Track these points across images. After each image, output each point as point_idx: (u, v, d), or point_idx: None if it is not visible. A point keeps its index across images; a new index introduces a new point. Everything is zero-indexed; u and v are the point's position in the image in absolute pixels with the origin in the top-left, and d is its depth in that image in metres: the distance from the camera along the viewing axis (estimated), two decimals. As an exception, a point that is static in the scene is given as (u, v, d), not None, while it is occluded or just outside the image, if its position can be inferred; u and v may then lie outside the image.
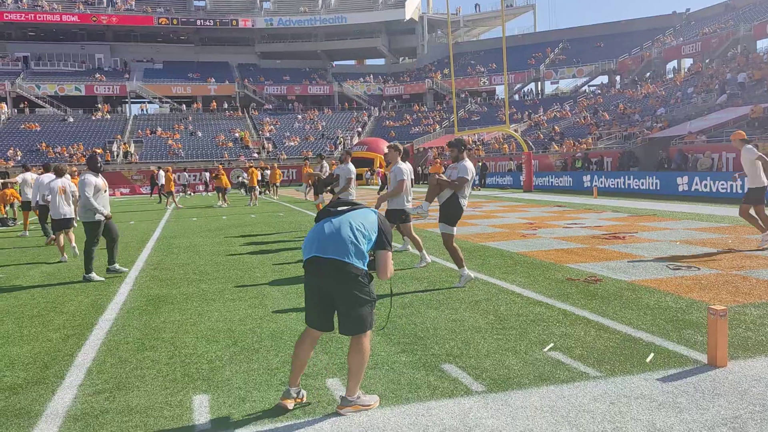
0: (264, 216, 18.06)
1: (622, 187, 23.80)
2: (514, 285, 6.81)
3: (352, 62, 77.90)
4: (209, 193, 37.66)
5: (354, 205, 3.66)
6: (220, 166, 29.47)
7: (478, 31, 79.11)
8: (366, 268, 3.51)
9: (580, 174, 27.32)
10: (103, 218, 8.16)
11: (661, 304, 5.73)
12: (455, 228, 6.96)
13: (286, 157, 48.63)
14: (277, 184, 28.55)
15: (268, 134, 54.25)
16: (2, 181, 17.05)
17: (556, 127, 41.32)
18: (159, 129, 53.19)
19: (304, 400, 3.66)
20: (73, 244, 10.05)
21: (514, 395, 3.64)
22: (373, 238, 3.56)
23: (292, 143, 52.36)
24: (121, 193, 40.84)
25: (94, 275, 8.03)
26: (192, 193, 32.52)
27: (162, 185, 26.62)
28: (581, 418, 3.30)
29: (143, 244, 11.96)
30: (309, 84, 66.16)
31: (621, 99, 43.72)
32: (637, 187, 22.95)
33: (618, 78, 54.07)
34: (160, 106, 61.86)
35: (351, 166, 10.08)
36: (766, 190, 8.83)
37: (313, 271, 3.51)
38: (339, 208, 3.61)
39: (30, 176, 14.46)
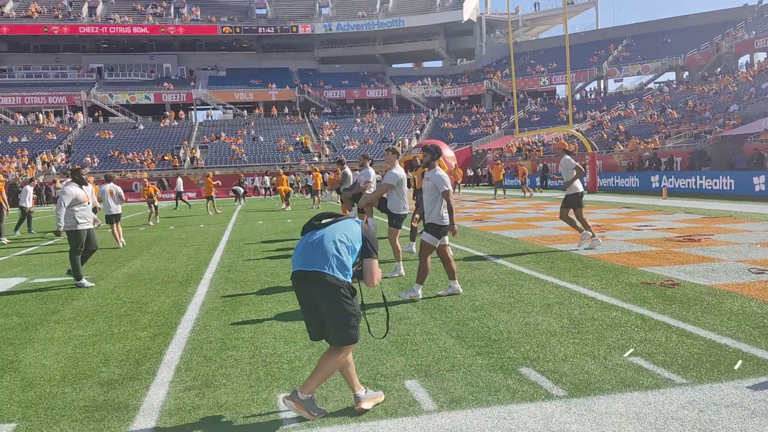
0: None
1: (693, 187, 22.95)
2: (585, 288, 6.70)
3: (410, 65, 78.03)
4: (272, 197, 38.48)
5: (337, 217, 3.71)
6: (282, 170, 30.07)
7: (537, 30, 77.90)
8: (349, 280, 3.57)
9: (647, 174, 26.51)
10: (86, 228, 8.34)
11: (745, 309, 5.52)
12: (438, 240, 6.54)
13: (345, 159, 49.15)
14: (320, 190, 26.64)
15: (327, 138, 54.99)
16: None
17: (620, 126, 40.22)
18: (223, 134, 54.74)
19: (382, 398, 3.74)
20: (122, 238, 12.80)
21: (597, 401, 3.60)
22: (358, 248, 3.62)
23: (351, 147, 52.87)
24: (188, 197, 42.22)
25: (85, 281, 8.24)
26: (244, 201, 33.24)
27: (180, 192, 28.10)
28: (670, 426, 3.24)
29: (214, 246, 12.36)
30: (367, 87, 66.68)
31: (690, 96, 42.16)
32: (709, 188, 22.09)
33: (686, 74, 52.16)
34: (223, 113, 63.65)
35: (370, 170, 9.56)
36: (583, 195, 10.00)
37: (298, 284, 3.58)
38: (323, 221, 3.68)
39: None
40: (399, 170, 8.07)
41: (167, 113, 59.69)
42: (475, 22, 69.93)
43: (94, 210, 11.21)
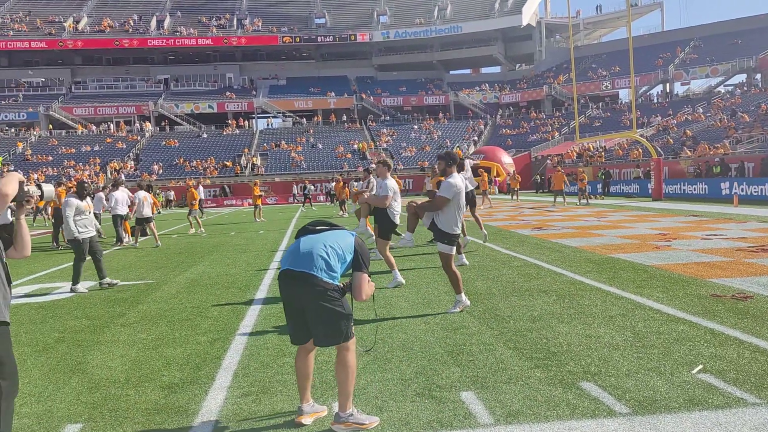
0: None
1: (767, 194, 21.85)
2: (650, 300, 6.45)
3: (468, 71, 77.60)
4: (331, 203, 38.92)
5: (333, 226, 3.75)
6: (340, 177, 30.41)
7: (599, 33, 76.14)
8: (337, 283, 3.55)
9: (717, 181, 25.42)
10: (88, 237, 8.84)
11: (826, 325, 5.19)
12: (453, 248, 6.38)
13: (402, 167, 49.25)
14: (345, 199, 26.30)
15: (385, 145, 55.25)
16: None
17: (687, 131, 38.75)
18: (283, 142, 55.82)
19: (324, 413, 3.74)
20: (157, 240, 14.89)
21: (663, 419, 3.44)
22: (348, 258, 3.62)
23: (409, 153, 52.95)
24: (249, 204, 43.17)
25: (79, 287, 8.67)
26: (310, 205, 33.83)
27: (201, 200, 28.69)
28: (742, 448, 3.06)
29: (273, 253, 12.56)
30: (425, 94, 66.68)
31: (763, 99, 40.24)
32: (784, 195, 20.98)
33: (758, 76, 49.83)
34: (283, 121, 64.96)
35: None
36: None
37: (284, 283, 3.60)
38: (318, 228, 3.73)
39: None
40: (392, 182, 8.13)
41: (229, 122, 61.35)
42: (534, 27, 68.94)
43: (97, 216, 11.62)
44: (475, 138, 56.45)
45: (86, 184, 9.24)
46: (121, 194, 16.01)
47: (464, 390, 4.05)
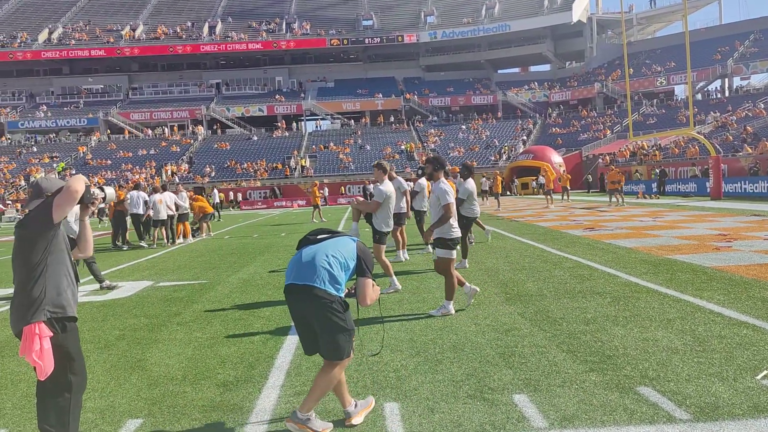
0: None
1: (835, 193, 20.82)
2: (711, 303, 6.22)
3: (516, 70, 76.67)
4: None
5: (334, 234, 3.71)
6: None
7: (653, 29, 74.12)
8: (341, 295, 3.52)
9: (780, 179, 24.36)
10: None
11: None
12: (453, 252, 6.40)
13: (450, 167, 49.06)
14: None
15: (432, 145, 55.10)
16: (196, 195, 19.18)
17: (748, 128, 37.29)
18: (331, 144, 56.34)
19: (372, 405, 3.79)
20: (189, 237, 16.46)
21: (725, 426, 3.32)
22: (352, 266, 3.59)
23: (457, 154, 52.66)
24: (299, 205, 43.75)
25: (106, 282, 9.33)
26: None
27: (218, 203, 30.24)
28: (813, 458, 2.92)
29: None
30: (473, 94, 66.22)
31: (830, 92, 38.33)
32: None
33: (825, 69, 47.55)
34: (331, 122, 65.58)
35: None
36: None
37: (289, 298, 3.58)
38: (318, 237, 3.69)
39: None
40: (387, 186, 7.89)
41: (279, 124, 62.32)
42: (585, 23, 67.61)
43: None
44: (524, 137, 55.70)
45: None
46: (168, 196, 16.48)
47: (517, 393, 4.00)
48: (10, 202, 43.16)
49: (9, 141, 60.41)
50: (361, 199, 7.03)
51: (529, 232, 14.71)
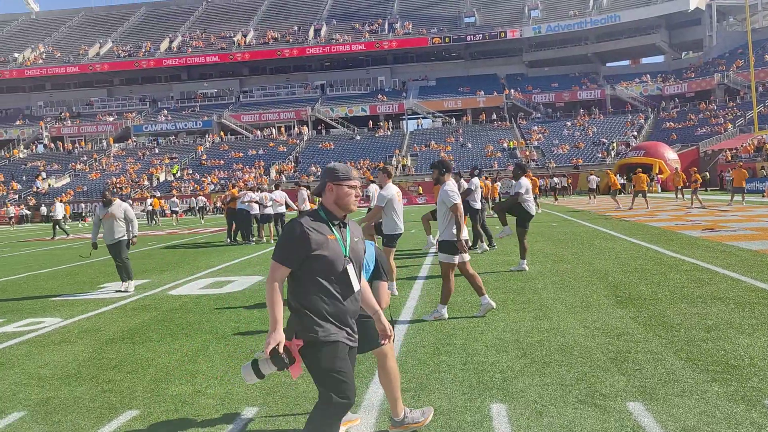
0: (535, 226, 17.88)
1: None
2: None
3: (626, 62, 73.18)
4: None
5: None
6: (485, 178, 30.05)
7: (781, 13, 68.21)
8: None
9: None
10: (108, 242, 9.35)
11: None
12: (456, 257, 6.28)
13: (554, 165, 47.66)
14: (496, 198, 25.72)
15: (536, 143, 53.78)
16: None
17: None
18: (432, 142, 56.37)
19: (430, 415, 3.69)
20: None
21: None
22: (371, 267, 3.69)
23: (561, 151, 51.09)
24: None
25: (132, 284, 9.47)
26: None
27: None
28: None
29: (421, 251, 12.73)
30: (578, 89, 63.93)
31: None
32: None
33: None
34: (432, 121, 65.60)
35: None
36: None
37: None
38: None
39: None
40: (388, 190, 7.66)
41: (381, 123, 63.16)
42: (703, 11, 63.40)
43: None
44: (635, 133, 53.08)
45: (108, 192, 9.59)
46: (279, 194, 17.17)
47: (631, 400, 3.84)
48: (130, 201, 46.61)
49: (134, 143, 65.22)
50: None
51: (640, 233, 14.03)
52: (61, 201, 27.98)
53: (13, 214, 43.56)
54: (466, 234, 6.31)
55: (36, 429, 3.89)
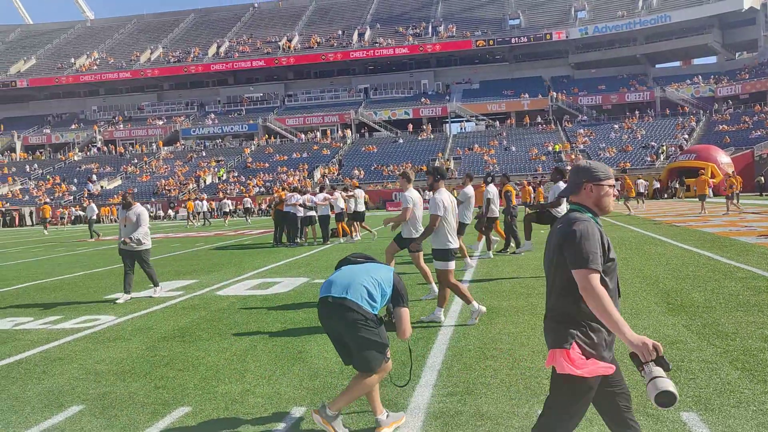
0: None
1: None
2: None
3: (677, 63, 71.23)
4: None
5: (371, 259, 3.92)
6: (526, 182, 29.66)
7: (842, 11, 65.32)
8: (375, 313, 3.60)
9: None
10: (125, 245, 8.83)
11: None
12: (451, 263, 6.43)
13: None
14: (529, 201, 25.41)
15: (582, 146, 52.85)
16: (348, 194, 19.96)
17: None
18: (476, 145, 55.98)
19: (402, 420, 3.78)
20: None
21: None
22: (389, 292, 3.71)
23: (608, 154, 50.05)
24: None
25: (159, 289, 9.22)
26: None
27: (248, 208, 31.53)
28: None
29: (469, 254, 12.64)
30: (627, 91, 62.52)
31: None
32: None
33: None
34: (476, 124, 65.15)
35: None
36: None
37: (322, 311, 3.67)
38: (359, 259, 3.91)
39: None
40: (412, 193, 7.59)
41: (424, 127, 63.09)
42: (758, 10, 61.20)
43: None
44: (686, 136, 51.61)
45: (129, 195, 9.12)
46: (323, 197, 17.35)
47: (685, 410, 3.75)
48: (171, 204, 47.71)
49: (183, 147, 66.82)
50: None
51: (692, 239, 13.64)
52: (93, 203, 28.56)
53: (66, 216, 45.07)
54: (455, 243, 6.49)
55: (94, 423, 4.03)
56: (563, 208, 9.39)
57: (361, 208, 17.33)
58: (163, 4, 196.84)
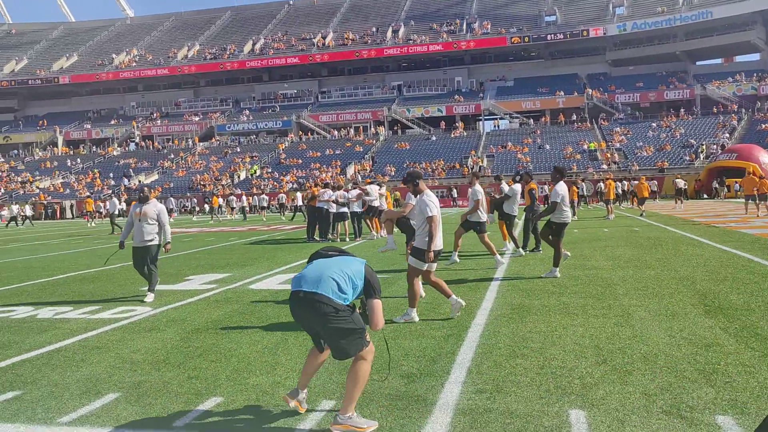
0: (618, 230, 17.32)
1: None
2: None
3: (718, 61, 69.41)
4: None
5: (343, 252, 3.94)
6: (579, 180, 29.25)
7: None
8: (346, 303, 3.66)
9: None
10: (137, 245, 8.33)
11: None
12: (425, 265, 6.42)
13: (638, 168, 45.87)
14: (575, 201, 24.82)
15: (618, 144, 51.95)
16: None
17: None
18: (509, 143, 55.49)
19: (304, 407, 3.91)
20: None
21: None
22: (360, 285, 3.75)
23: (646, 153, 49.12)
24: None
25: (150, 296, 8.37)
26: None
27: (297, 206, 31.32)
28: None
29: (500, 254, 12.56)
30: (665, 89, 61.21)
31: None
32: None
33: None
34: (510, 122, 64.54)
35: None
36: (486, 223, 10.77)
37: (293, 305, 3.74)
38: (330, 253, 3.93)
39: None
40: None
41: (457, 124, 62.76)
42: (805, 5, 59.25)
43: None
44: (726, 135, 50.32)
45: (147, 188, 8.71)
46: (356, 193, 17.37)
47: (720, 414, 3.67)
48: (207, 198, 48.37)
49: (218, 142, 67.75)
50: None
51: (731, 240, 13.31)
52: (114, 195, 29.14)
53: (103, 209, 46.00)
54: (440, 244, 6.44)
55: (130, 410, 4.13)
56: (568, 211, 9.38)
57: (376, 203, 17.25)
58: (200, 1, 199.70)
